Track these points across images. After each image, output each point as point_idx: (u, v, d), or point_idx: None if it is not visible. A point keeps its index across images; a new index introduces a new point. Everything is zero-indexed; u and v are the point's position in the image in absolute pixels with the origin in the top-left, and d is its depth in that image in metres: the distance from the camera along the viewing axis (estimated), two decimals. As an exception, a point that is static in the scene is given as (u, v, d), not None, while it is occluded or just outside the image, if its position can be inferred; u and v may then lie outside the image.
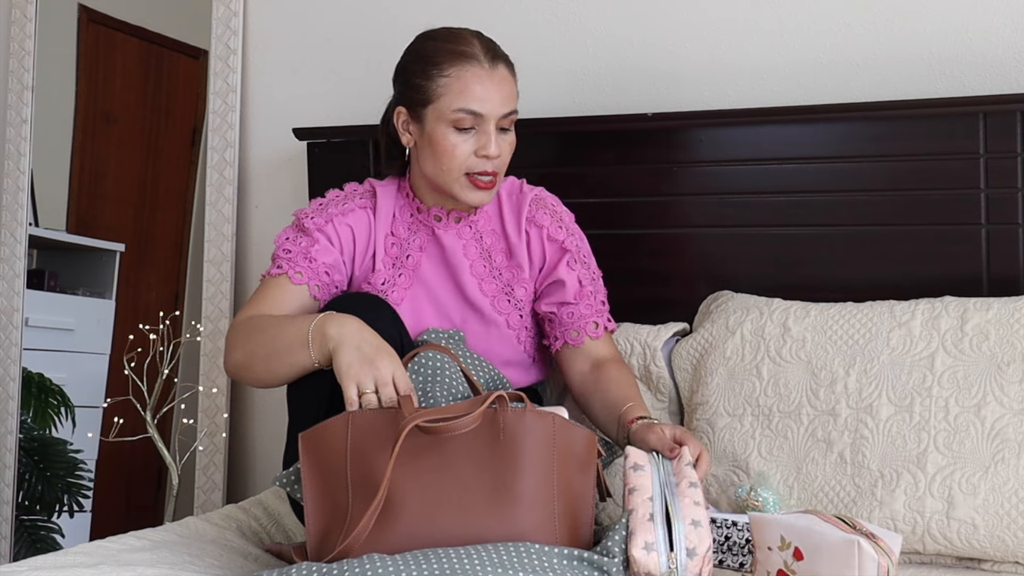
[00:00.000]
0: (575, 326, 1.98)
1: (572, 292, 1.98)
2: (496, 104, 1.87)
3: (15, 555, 2.81)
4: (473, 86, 1.86)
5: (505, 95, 1.88)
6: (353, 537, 1.50)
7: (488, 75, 1.87)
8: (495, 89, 1.87)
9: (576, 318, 1.98)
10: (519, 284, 2.00)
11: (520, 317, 2.00)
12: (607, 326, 2.01)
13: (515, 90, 1.92)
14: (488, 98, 1.86)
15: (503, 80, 1.89)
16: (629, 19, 2.45)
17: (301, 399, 1.81)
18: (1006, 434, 1.82)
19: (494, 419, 1.61)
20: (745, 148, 2.29)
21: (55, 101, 3.01)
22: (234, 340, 1.84)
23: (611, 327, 2.03)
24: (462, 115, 1.86)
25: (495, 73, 1.88)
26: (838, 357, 1.96)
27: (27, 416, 2.91)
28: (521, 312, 2.00)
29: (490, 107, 1.86)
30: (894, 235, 2.18)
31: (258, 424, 2.77)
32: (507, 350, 2.00)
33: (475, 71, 1.87)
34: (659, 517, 1.58)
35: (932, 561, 1.84)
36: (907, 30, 2.26)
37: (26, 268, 2.91)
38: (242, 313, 1.88)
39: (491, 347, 1.98)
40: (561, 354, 2.01)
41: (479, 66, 1.87)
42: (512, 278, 2.00)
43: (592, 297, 2.00)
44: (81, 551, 1.70)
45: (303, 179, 2.64)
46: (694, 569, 1.55)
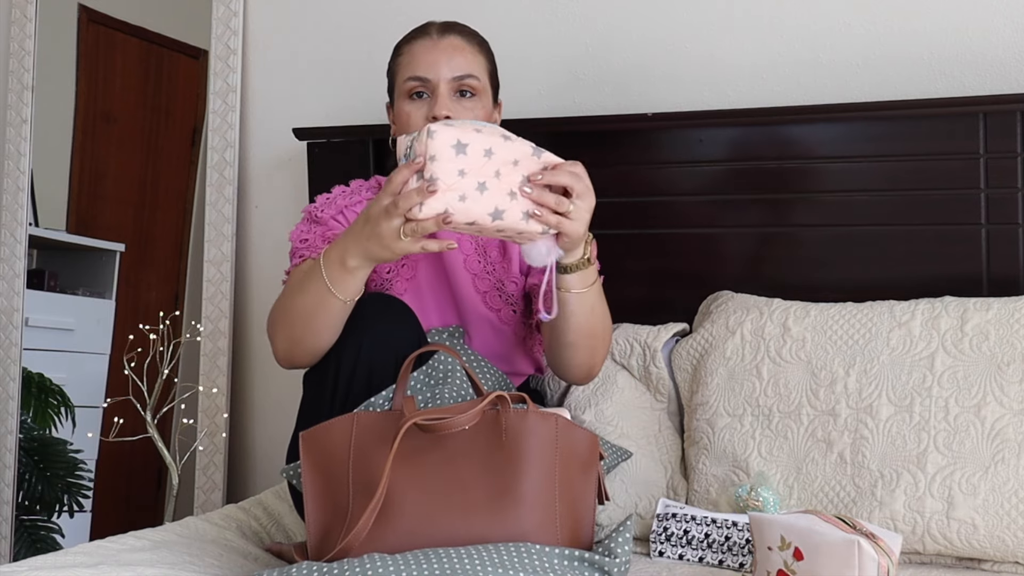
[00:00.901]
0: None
1: None
2: (443, 67, 1.90)
3: (15, 555, 2.81)
4: (420, 55, 1.92)
5: (455, 60, 1.91)
6: (353, 535, 1.50)
7: (435, 44, 1.93)
8: (441, 54, 1.91)
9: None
10: (509, 279, 1.99)
11: (514, 312, 1.99)
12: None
13: (474, 58, 1.94)
14: (434, 62, 1.91)
15: (453, 47, 1.92)
16: (629, 19, 2.46)
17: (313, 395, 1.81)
18: (1006, 434, 1.82)
19: (496, 420, 1.61)
20: (745, 148, 2.29)
21: (55, 101, 3.01)
22: (273, 332, 1.82)
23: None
24: (412, 83, 1.91)
25: (442, 41, 1.93)
26: (838, 357, 1.96)
27: (27, 416, 2.91)
28: (514, 308, 1.99)
29: (436, 71, 1.90)
30: (894, 235, 2.18)
31: (258, 424, 2.77)
32: (501, 345, 1.99)
33: (423, 43, 1.94)
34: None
35: (932, 561, 1.84)
36: (907, 30, 2.26)
37: (26, 268, 2.91)
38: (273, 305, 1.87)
39: (485, 341, 1.97)
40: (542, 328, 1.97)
41: (427, 38, 1.94)
42: (504, 273, 1.99)
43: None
44: (81, 551, 1.70)
45: (303, 179, 2.64)
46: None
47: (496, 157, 1.56)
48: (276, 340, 1.82)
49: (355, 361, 1.73)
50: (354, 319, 1.77)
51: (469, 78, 1.91)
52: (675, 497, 2.02)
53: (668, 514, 1.91)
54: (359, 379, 1.72)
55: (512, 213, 1.58)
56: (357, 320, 1.76)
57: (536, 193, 1.60)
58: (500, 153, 1.56)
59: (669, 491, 2.03)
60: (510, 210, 1.58)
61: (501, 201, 1.57)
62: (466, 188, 1.55)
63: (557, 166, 1.63)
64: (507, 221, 1.58)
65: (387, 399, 1.69)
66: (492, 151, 1.56)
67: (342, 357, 1.75)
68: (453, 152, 1.54)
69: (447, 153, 1.54)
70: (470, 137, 1.55)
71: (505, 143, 1.58)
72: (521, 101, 2.42)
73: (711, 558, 1.85)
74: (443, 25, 1.96)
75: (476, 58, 1.94)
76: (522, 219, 1.59)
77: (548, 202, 1.61)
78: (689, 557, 1.87)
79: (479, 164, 1.55)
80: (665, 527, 1.90)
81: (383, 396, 1.70)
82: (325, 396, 1.75)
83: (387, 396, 1.70)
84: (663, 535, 1.90)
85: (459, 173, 1.54)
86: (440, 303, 1.98)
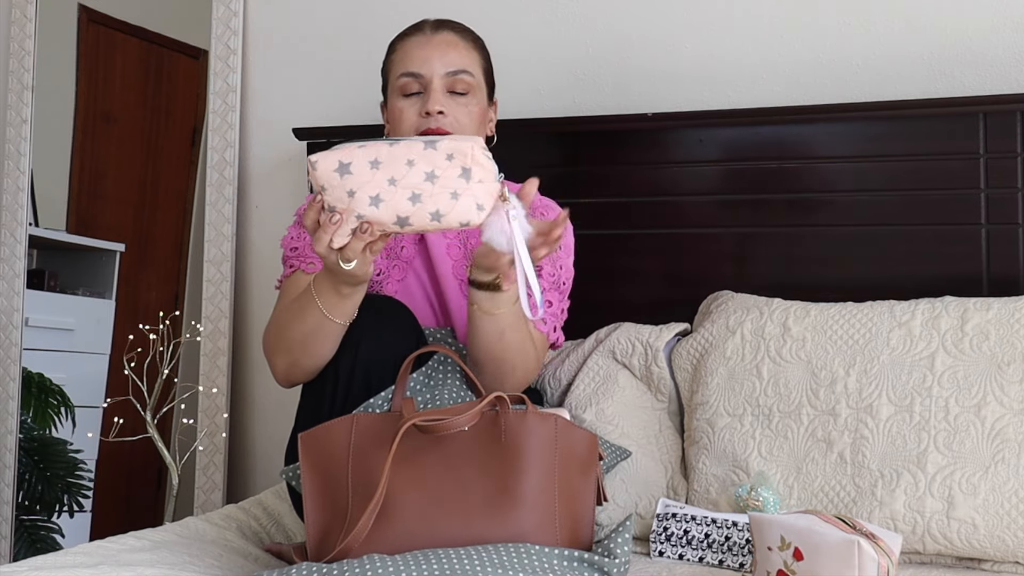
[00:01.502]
0: None
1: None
2: (436, 63, 1.89)
3: (15, 555, 2.81)
4: (413, 52, 1.91)
5: (448, 55, 1.90)
6: (352, 536, 1.50)
7: (428, 40, 1.92)
8: (434, 50, 1.90)
9: None
10: None
11: None
12: (540, 326, 1.87)
13: (468, 54, 1.93)
14: (427, 58, 1.90)
15: (446, 42, 1.92)
16: (629, 19, 2.46)
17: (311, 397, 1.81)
18: (1006, 434, 1.82)
19: (495, 421, 1.61)
20: (745, 148, 2.29)
21: (55, 101, 3.01)
22: (271, 354, 1.82)
23: (544, 330, 1.89)
24: (405, 79, 1.90)
25: (436, 36, 1.92)
26: (838, 357, 1.96)
27: (27, 416, 2.91)
28: None
29: (429, 67, 1.89)
30: (894, 235, 2.18)
31: (258, 424, 2.77)
32: None
33: (416, 39, 1.93)
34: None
35: (932, 561, 1.84)
36: (907, 30, 2.26)
37: (26, 268, 2.91)
38: (268, 325, 1.87)
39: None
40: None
41: (420, 35, 1.94)
42: None
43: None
44: (81, 551, 1.69)
45: (303, 179, 2.64)
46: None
47: (385, 165, 1.51)
48: (275, 362, 1.81)
49: (353, 362, 1.73)
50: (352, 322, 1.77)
51: (462, 73, 1.91)
52: (675, 497, 2.02)
53: (668, 514, 1.91)
54: (357, 380, 1.72)
55: (418, 216, 1.52)
56: (354, 322, 1.76)
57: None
58: (388, 160, 1.51)
59: (669, 491, 2.03)
60: (415, 213, 1.52)
61: (402, 207, 1.51)
62: (360, 206, 1.51)
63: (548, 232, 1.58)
64: (416, 224, 1.53)
65: (386, 400, 1.69)
66: (378, 160, 1.51)
67: (340, 359, 1.74)
68: (338, 176, 1.51)
69: (332, 179, 1.51)
70: (352, 155, 1.51)
71: (392, 148, 1.52)
72: (521, 101, 2.42)
73: (711, 558, 1.85)
74: (437, 22, 1.96)
75: (470, 54, 1.93)
76: (431, 219, 1.52)
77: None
78: (689, 557, 1.87)
79: (367, 178, 1.51)
80: (665, 527, 1.90)
81: (382, 397, 1.70)
82: (324, 397, 1.75)
83: (386, 397, 1.70)
84: (663, 535, 1.90)
85: (349, 194, 1.51)
86: (430, 306, 1.98)
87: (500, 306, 1.69)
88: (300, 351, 1.75)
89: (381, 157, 1.51)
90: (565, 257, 1.95)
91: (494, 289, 1.67)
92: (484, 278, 1.67)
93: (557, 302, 1.92)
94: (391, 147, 1.52)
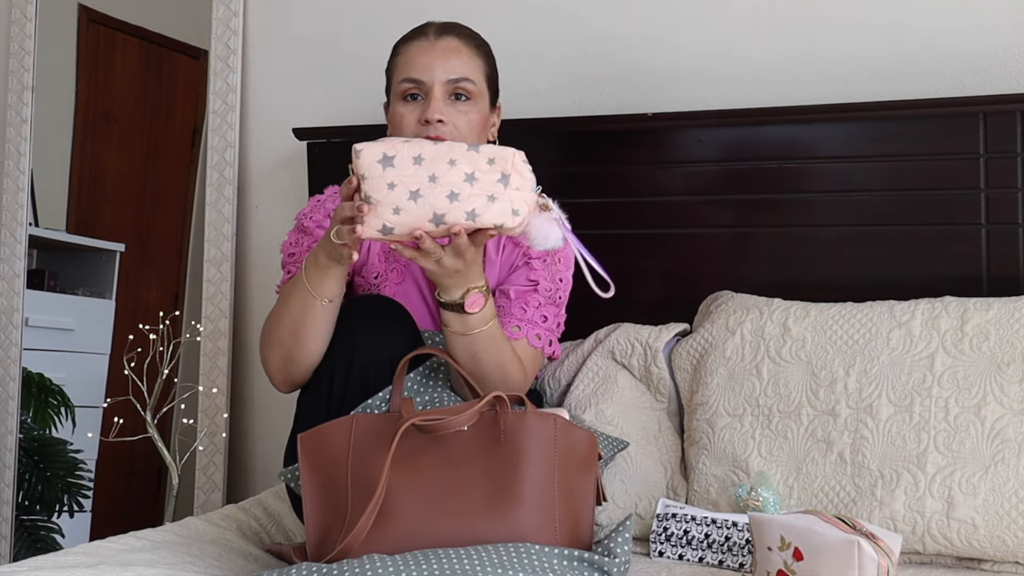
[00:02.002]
0: (499, 318, 1.84)
1: (517, 288, 1.90)
2: (438, 70, 1.89)
3: (15, 555, 2.81)
4: (416, 57, 1.91)
5: (450, 62, 1.90)
6: (352, 536, 1.50)
7: (431, 45, 1.91)
8: (437, 56, 1.90)
9: (503, 312, 1.88)
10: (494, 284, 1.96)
11: None
12: (533, 341, 1.87)
13: (471, 61, 1.92)
14: (429, 65, 1.89)
15: (449, 49, 1.91)
16: (629, 19, 2.46)
17: (309, 398, 1.81)
18: (1006, 434, 1.82)
19: (495, 421, 1.61)
20: (745, 148, 2.29)
21: (55, 101, 3.01)
22: (266, 355, 1.82)
23: (538, 345, 1.88)
24: (406, 84, 1.90)
25: (439, 43, 1.91)
26: (838, 357, 1.96)
27: (27, 416, 2.91)
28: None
29: (431, 73, 1.88)
30: (894, 235, 2.18)
31: (258, 424, 2.77)
32: None
33: (419, 44, 1.92)
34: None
35: (932, 561, 1.84)
36: (907, 30, 2.26)
37: (26, 268, 2.91)
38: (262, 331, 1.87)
39: None
40: None
41: (424, 39, 1.92)
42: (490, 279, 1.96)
43: (534, 306, 1.89)
44: (81, 551, 1.69)
45: (303, 179, 2.64)
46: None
47: (427, 162, 1.54)
48: (271, 362, 1.82)
49: (350, 362, 1.73)
50: (347, 320, 1.77)
51: (464, 81, 1.90)
52: (675, 497, 2.02)
53: (668, 514, 1.91)
54: (354, 380, 1.73)
55: (454, 214, 1.55)
56: (350, 320, 1.76)
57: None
58: (431, 157, 1.54)
59: (669, 491, 2.02)
60: (451, 212, 1.55)
61: (440, 204, 1.54)
62: (398, 199, 1.54)
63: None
64: (451, 221, 1.56)
65: (384, 400, 1.69)
66: (422, 157, 1.54)
67: (336, 359, 1.75)
68: (380, 167, 1.53)
69: (375, 170, 1.53)
70: (397, 148, 1.54)
71: (436, 147, 1.56)
72: (521, 101, 2.42)
73: (711, 558, 1.85)
74: (441, 26, 1.95)
75: (473, 61, 1.92)
76: (466, 218, 1.56)
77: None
78: (689, 557, 1.87)
79: (409, 173, 1.54)
80: (665, 527, 1.90)
81: (380, 397, 1.70)
82: (321, 398, 1.75)
83: (384, 397, 1.70)
84: (663, 535, 1.90)
85: (389, 186, 1.53)
86: (427, 309, 1.97)
87: (471, 327, 1.71)
88: (291, 341, 1.76)
89: (425, 154, 1.54)
90: (564, 270, 1.95)
91: (459, 311, 1.69)
92: (447, 298, 1.69)
93: (552, 316, 1.91)
94: (435, 146, 1.56)
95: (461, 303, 1.69)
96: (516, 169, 1.56)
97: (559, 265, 1.93)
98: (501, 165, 1.55)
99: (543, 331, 1.89)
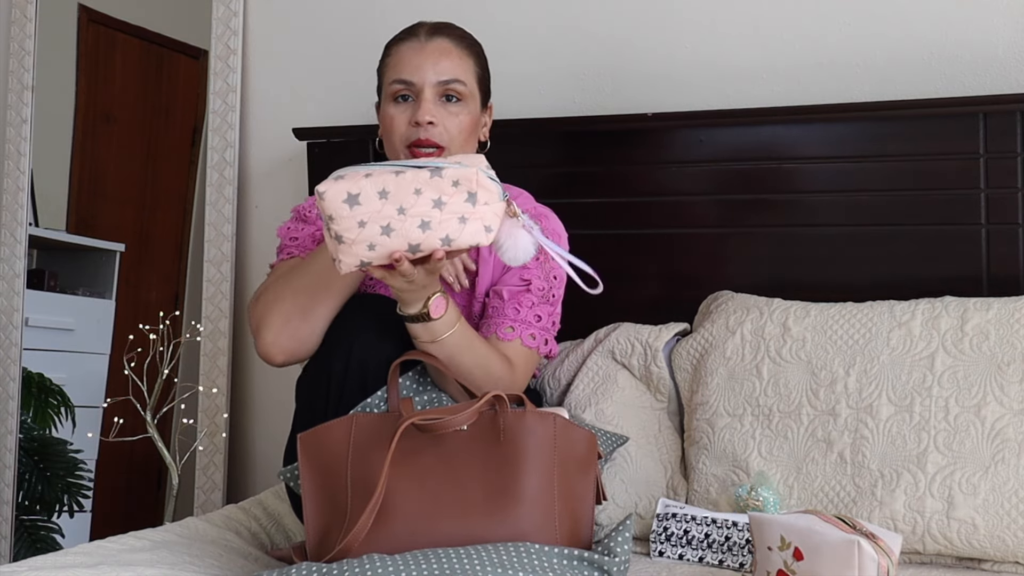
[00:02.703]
0: (493, 321, 1.88)
1: (510, 288, 1.89)
2: (428, 72, 1.88)
3: (15, 555, 2.81)
4: (406, 58, 1.90)
5: (441, 64, 1.89)
6: (352, 536, 1.50)
7: (422, 46, 1.90)
8: (427, 57, 1.89)
9: (496, 314, 1.88)
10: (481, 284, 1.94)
11: None
12: (528, 342, 1.86)
13: (461, 62, 1.91)
14: (419, 66, 1.88)
15: (440, 50, 1.90)
16: (629, 20, 2.46)
17: (307, 398, 1.81)
18: (1006, 434, 1.82)
19: (495, 420, 1.61)
20: (745, 148, 2.29)
21: (55, 101, 3.01)
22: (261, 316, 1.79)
23: (532, 345, 1.87)
24: (396, 86, 1.89)
25: (429, 44, 1.90)
26: (838, 357, 1.96)
27: (27, 416, 2.91)
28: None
29: (421, 74, 1.88)
30: (894, 235, 2.18)
31: (258, 424, 2.77)
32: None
33: (410, 45, 1.91)
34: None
35: (932, 561, 1.84)
36: (907, 30, 2.26)
37: (26, 268, 2.91)
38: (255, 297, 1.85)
39: None
40: None
41: (415, 40, 1.92)
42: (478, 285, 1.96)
43: (527, 306, 1.88)
44: (81, 551, 1.69)
45: (303, 179, 2.64)
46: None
47: (393, 195, 1.53)
48: (268, 324, 1.79)
49: (346, 362, 1.73)
50: (345, 319, 1.77)
51: (455, 83, 1.89)
52: (675, 497, 2.02)
53: (668, 514, 1.91)
54: (351, 380, 1.72)
55: (429, 242, 1.55)
56: (348, 319, 1.76)
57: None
58: (396, 190, 1.53)
59: (669, 491, 2.03)
60: (425, 240, 1.55)
61: (413, 235, 1.54)
62: (371, 236, 1.53)
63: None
64: (428, 250, 1.56)
65: (383, 399, 1.69)
66: (386, 191, 1.53)
67: (333, 359, 1.74)
68: (347, 207, 1.52)
69: (342, 210, 1.52)
70: (360, 185, 1.52)
71: (398, 178, 1.54)
72: (521, 101, 2.42)
73: (711, 558, 1.85)
74: (432, 27, 1.94)
75: (463, 62, 1.92)
76: (442, 244, 1.56)
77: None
78: (689, 557, 1.87)
79: (376, 208, 1.53)
80: (665, 527, 1.90)
81: (378, 396, 1.70)
82: (318, 398, 1.75)
83: (383, 396, 1.70)
84: (663, 535, 1.90)
85: (359, 224, 1.53)
86: None
87: (438, 334, 1.70)
88: (299, 310, 1.76)
89: (389, 187, 1.53)
90: (558, 267, 1.93)
91: (425, 319, 1.68)
92: (411, 311, 1.68)
93: (547, 315, 1.90)
94: (397, 176, 1.53)
95: (426, 311, 1.68)
96: (481, 185, 1.55)
97: (552, 263, 1.93)
98: (466, 185, 1.54)
99: (537, 331, 1.88)
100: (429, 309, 1.67)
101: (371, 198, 1.52)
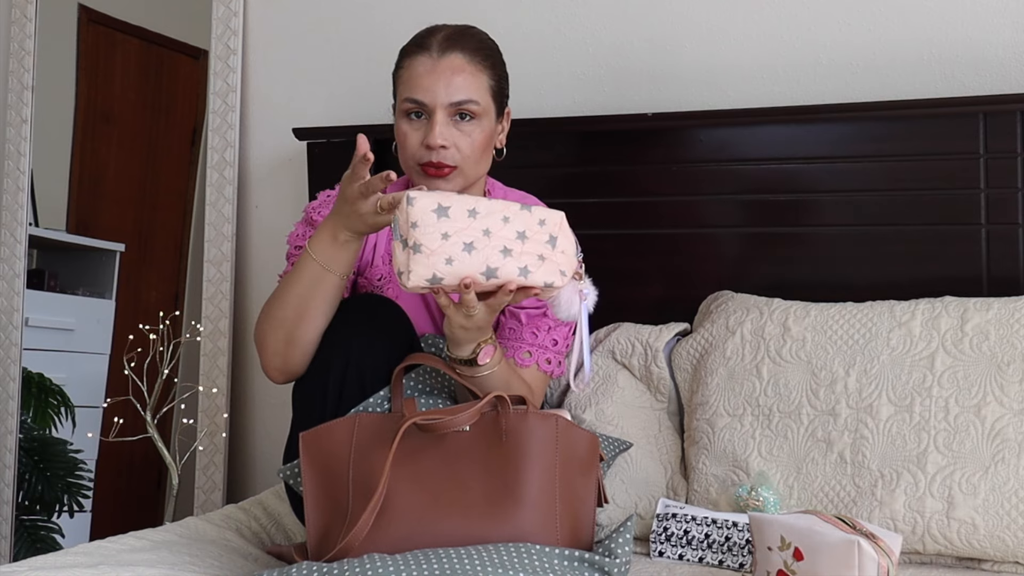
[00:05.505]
0: (510, 344, 1.91)
1: (528, 311, 1.92)
2: (440, 93, 1.84)
3: (15, 555, 2.81)
4: (420, 76, 1.85)
5: (454, 83, 1.84)
6: (352, 535, 1.51)
7: (434, 64, 1.85)
8: (440, 78, 1.84)
9: (514, 337, 1.91)
10: None
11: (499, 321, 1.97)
12: (544, 367, 1.91)
13: (474, 79, 1.86)
14: (431, 87, 1.84)
15: (452, 68, 1.85)
16: (629, 20, 2.46)
17: (306, 397, 1.81)
18: (1006, 434, 1.82)
19: (496, 421, 1.62)
20: (745, 148, 2.29)
21: (55, 101, 3.01)
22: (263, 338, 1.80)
23: (547, 369, 1.91)
24: (409, 104, 1.86)
25: (442, 62, 1.85)
26: (838, 357, 1.96)
27: (27, 416, 2.91)
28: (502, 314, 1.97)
29: (432, 96, 1.84)
30: (894, 235, 2.18)
31: (258, 424, 2.77)
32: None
33: (423, 60, 1.86)
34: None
35: (932, 561, 1.84)
36: (907, 30, 2.26)
37: (26, 268, 2.91)
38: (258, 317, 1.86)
39: None
40: None
41: (427, 56, 1.86)
42: None
43: (544, 330, 1.91)
44: (81, 551, 1.69)
45: (303, 179, 2.64)
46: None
47: (482, 216, 1.55)
48: (268, 345, 1.79)
49: (346, 362, 1.73)
50: (344, 319, 1.77)
51: (468, 103, 1.84)
52: (675, 497, 2.02)
53: (668, 514, 1.91)
54: (351, 379, 1.72)
55: (507, 269, 1.56)
56: (347, 319, 1.76)
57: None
58: (486, 212, 1.55)
59: (669, 491, 2.03)
60: (504, 267, 1.56)
61: (493, 258, 1.55)
62: (452, 250, 1.53)
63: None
64: (503, 276, 1.57)
65: (385, 399, 1.70)
66: (476, 211, 1.54)
67: (332, 359, 1.74)
68: (435, 216, 1.53)
69: (428, 218, 1.53)
70: (451, 200, 1.54)
71: (490, 202, 1.56)
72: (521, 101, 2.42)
73: (711, 558, 1.85)
74: (447, 38, 1.87)
75: (476, 79, 1.86)
76: (519, 274, 1.57)
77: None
78: (689, 557, 1.87)
79: (464, 225, 1.54)
80: (665, 527, 1.90)
81: (380, 396, 1.70)
82: (318, 398, 1.75)
83: (385, 396, 1.70)
84: (663, 535, 1.90)
85: (443, 236, 1.53)
86: (428, 312, 1.97)
87: (481, 371, 1.73)
88: (294, 318, 1.75)
89: (479, 208, 1.55)
90: None
91: (473, 364, 1.71)
92: (460, 354, 1.71)
93: (563, 339, 1.93)
94: (489, 201, 1.57)
95: (473, 358, 1.71)
96: (563, 232, 1.59)
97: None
98: (550, 227, 1.58)
99: (553, 355, 1.91)
100: (477, 356, 1.71)
101: (461, 214, 1.54)
